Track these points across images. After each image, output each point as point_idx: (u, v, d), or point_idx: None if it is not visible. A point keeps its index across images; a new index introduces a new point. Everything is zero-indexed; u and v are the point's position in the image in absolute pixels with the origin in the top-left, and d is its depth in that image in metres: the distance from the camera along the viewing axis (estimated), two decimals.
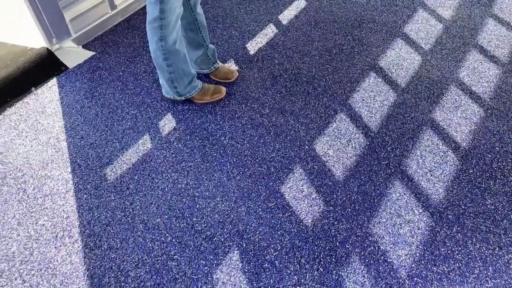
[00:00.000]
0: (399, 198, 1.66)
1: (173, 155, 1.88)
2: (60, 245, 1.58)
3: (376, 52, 2.39)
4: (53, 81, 2.27)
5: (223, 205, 1.68)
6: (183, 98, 2.06)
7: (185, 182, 1.78)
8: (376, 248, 1.52)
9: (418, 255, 1.49)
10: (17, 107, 2.12)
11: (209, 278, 1.48)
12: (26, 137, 1.97)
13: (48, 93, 2.18)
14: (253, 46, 2.44)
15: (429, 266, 1.46)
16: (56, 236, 1.61)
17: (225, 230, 1.60)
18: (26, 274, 1.50)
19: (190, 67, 1.97)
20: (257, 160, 1.84)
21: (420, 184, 1.71)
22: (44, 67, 2.31)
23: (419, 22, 2.66)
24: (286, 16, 2.74)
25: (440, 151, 1.84)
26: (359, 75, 2.23)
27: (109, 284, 1.47)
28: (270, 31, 2.60)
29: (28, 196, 1.74)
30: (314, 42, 2.45)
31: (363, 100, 2.09)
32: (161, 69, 1.91)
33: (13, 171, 1.83)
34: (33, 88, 2.22)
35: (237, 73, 2.22)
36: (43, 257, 1.55)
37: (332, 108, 2.04)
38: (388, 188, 1.70)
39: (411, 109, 2.04)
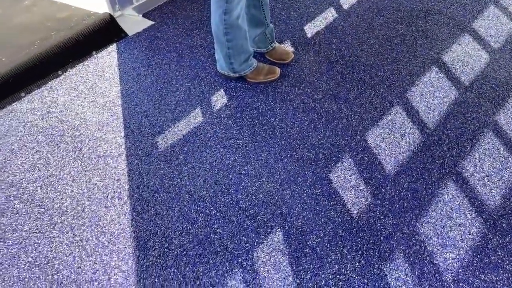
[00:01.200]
0: (452, 200, 1.60)
1: (223, 131, 1.90)
2: (110, 206, 1.64)
3: (441, 46, 2.28)
4: (113, 47, 2.32)
5: (268, 186, 1.69)
6: (237, 75, 2.06)
7: (233, 158, 1.79)
8: (423, 248, 1.48)
9: (466, 260, 1.44)
10: (78, 68, 2.19)
11: (250, 255, 1.49)
12: (85, 98, 2.04)
13: (108, 58, 2.24)
14: (311, 28, 2.39)
15: (477, 273, 1.41)
16: (107, 196, 1.67)
17: (269, 211, 1.61)
18: (77, 229, 1.58)
19: (248, 44, 1.95)
20: (306, 145, 1.82)
21: (475, 188, 1.64)
22: (106, 32, 2.37)
23: (490, 18, 2.50)
24: (348, 0, 2.65)
25: (501, 156, 1.75)
26: (420, 69, 2.14)
27: (153, 248, 1.52)
28: (329, 15, 2.53)
29: (83, 155, 1.81)
30: (375, 30, 2.36)
31: (422, 95, 2.01)
32: (219, 43, 1.91)
33: (71, 130, 1.91)
34: (94, 51, 2.28)
35: (293, 55, 2.19)
36: (93, 215, 1.62)
37: (388, 100, 1.98)
38: (440, 188, 1.64)
39: (473, 109, 1.95)
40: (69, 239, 1.55)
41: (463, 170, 1.70)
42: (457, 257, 1.45)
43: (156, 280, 1.44)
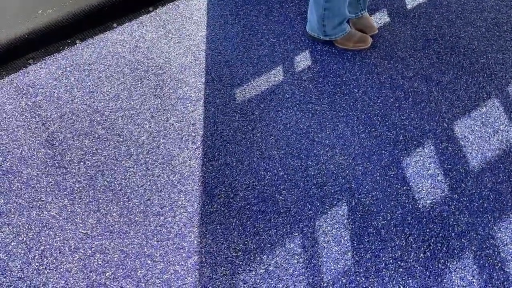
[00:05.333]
0: None
1: (302, 94, 1.85)
2: (184, 148, 1.69)
3: None
4: None
5: (340, 158, 1.64)
6: (327, 39, 1.97)
7: (308, 124, 1.75)
8: (496, 253, 1.39)
9: None
10: (168, 7, 2.20)
11: (312, 223, 1.49)
12: (171, 38, 2.06)
13: (198, 1, 2.23)
14: (412, 0, 2.21)
15: None
16: (182, 138, 1.71)
17: (337, 183, 1.58)
18: (151, 164, 1.64)
19: (346, 8, 1.85)
20: (386, 123, 1.74)
21: None
22: None
23: None
24: None
25: None
26: None
27: (219, 196, 1.56)
28: None
29: (163, 94, 1.85)
30: (484, 11, 2.14)
31: None
32: (316, 3, 1.83)
33: (155, 68, 1.95)
34: None
35: (377, 31, 2.03)
36: (167, 153, 1.67)
37: (486, 91, 1.82)
38: None
39: None
40: (142, 172, 1.62)
41: None
42: None
43: (217, 227, 1.48)
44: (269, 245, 1.44)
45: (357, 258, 1.40)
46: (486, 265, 1.37)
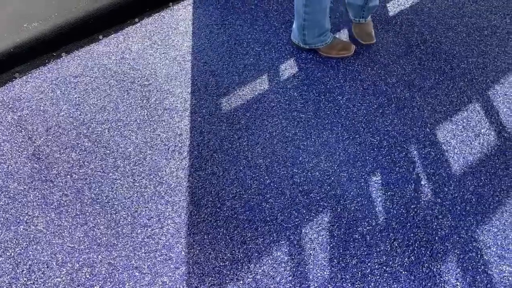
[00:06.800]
0: None
1: (287, 102, 1.87)
2: (170, 158, 1.70)
3: None
4: (189, 1, 2.32)
5: (325, 165, 1.66)
6: (307, 47, 2.00)
7: (293, 132, 1.77)
8: (479, 255, 1.42)
9: None
10: (154, 18, 2.22)
11: (298, 230, 1.50)
12: (157, 49, 2.08)
13: (183, 11, 2.25)
14: (394, 7, 2.25)
15: None
16: (168, 149, 1.72)
17: (323, 190, 1.60)
18: (138, 175, 1.65)
19: (326, 20, 1.88)
20: (370, 130, 1.76)
21: None
22: None
23: None
24: None
25: None
26: (508, 66, 1.97)
27: (206, 206, 1.57)
28: None
29: (150, 105, 1.86)
30: (465, 17, 2.19)
31: (505, 95, 1.86)
32: (297, 13, 1.86)
33: (141, 79, 1.96)
34: (170, 3, 2.29)
35: (374, 40, 2.05)
36: (154, 164, 1.68)
37: (467, 95, 1.85)
38: (509, 198, 1.54)
39: None
40: (129, 184, 1.63)
41: None
42: None
43: (205, 237, 1.50)
44: (256, 254, 1.45)
45: (343, 265, 1.42)
46: (470, 268, 1.40)
